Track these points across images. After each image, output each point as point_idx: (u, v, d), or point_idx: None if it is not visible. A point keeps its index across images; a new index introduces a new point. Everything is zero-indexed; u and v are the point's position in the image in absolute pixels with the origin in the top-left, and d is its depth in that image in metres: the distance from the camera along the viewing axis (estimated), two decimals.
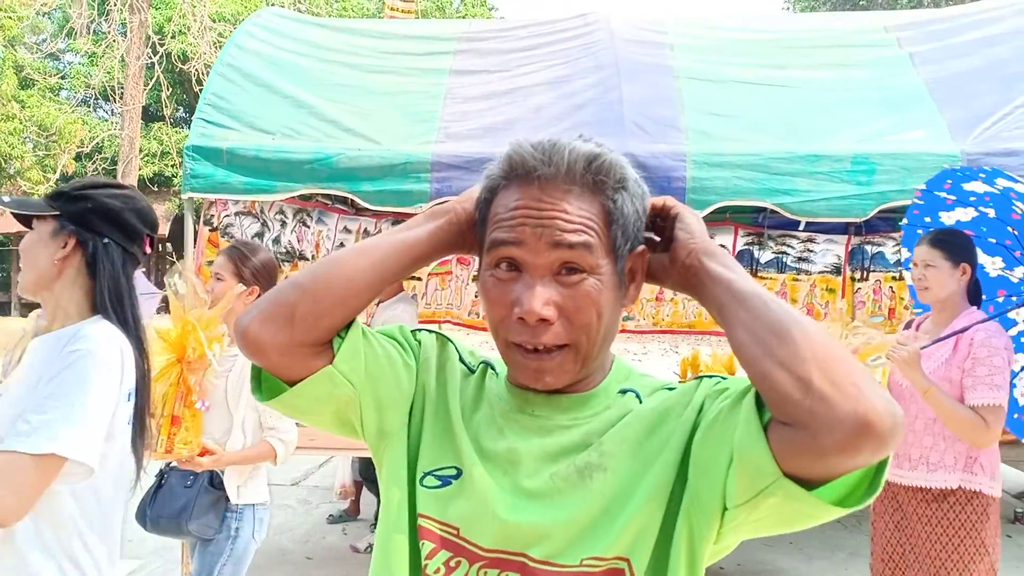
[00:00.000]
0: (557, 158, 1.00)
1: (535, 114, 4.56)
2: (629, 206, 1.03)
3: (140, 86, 17.48)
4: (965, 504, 2.91)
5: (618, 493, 1.01)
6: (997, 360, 2.84)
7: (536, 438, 1.07)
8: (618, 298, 1.05)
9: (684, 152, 4.24)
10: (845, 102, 4.67)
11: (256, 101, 4.71)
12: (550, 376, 1.03)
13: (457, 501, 1.06)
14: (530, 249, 1.00)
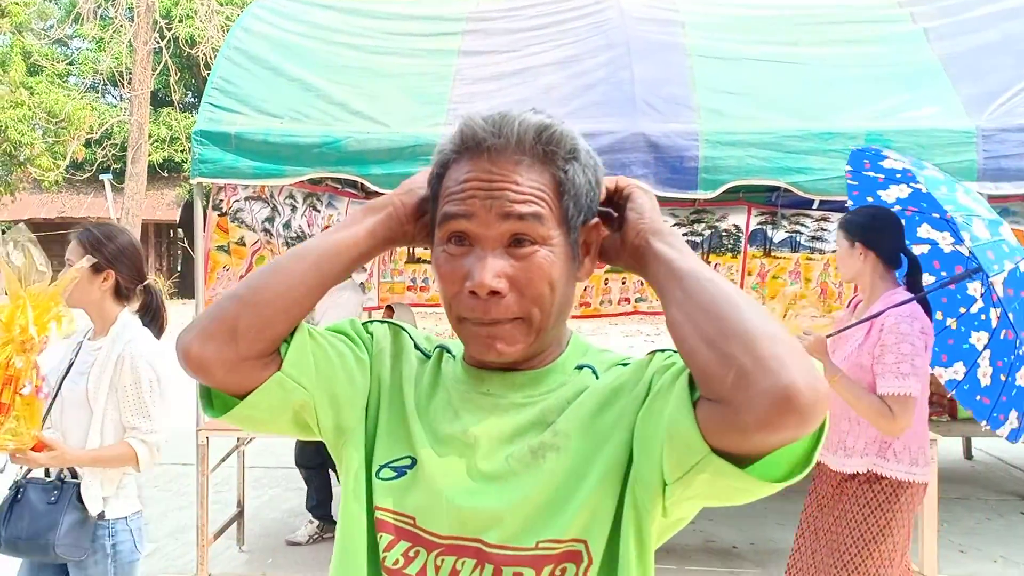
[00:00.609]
0: (507, 129, 1.00)
1: (545, 94, 4.52)
2: (580, 177, 1.03)
3: (148, 71, 17.47)
4: (870, 487, 2.90)
5: (572, 473, 1.01)
6: (905, 347, 2.78)
7: (492, 418, 1.06)
8: (572, 271, 1.05)
9: (696, 131, 4.20)
10: (859, 79, 4.62)
11: (264, 85, 4.68)
12: (501, 343, 1.02)
13: (413, 491, 1.06)
14: (480, 221, 0.99)
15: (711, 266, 6.54)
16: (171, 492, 6.32)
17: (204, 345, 1.03)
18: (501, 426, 1.05)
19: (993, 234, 2.88)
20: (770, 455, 0.88)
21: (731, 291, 0.92)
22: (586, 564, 0.99)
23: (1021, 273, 2.86)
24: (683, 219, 6.52)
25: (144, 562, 4.84)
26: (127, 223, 17.83)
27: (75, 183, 26.07)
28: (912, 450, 2.91)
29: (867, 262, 3.03)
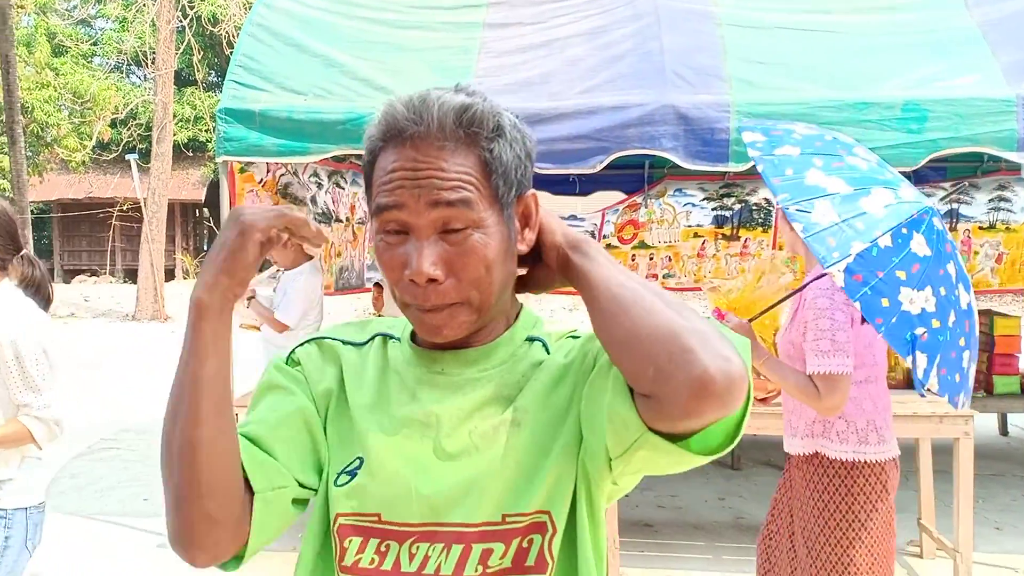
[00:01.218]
0: (427, 115, 0.99)
1: (571, 67, 4.44)
2: (507, 153, 1.03)
3: (171, 50, 17.49)
4: (824, 470, 2.77)
5: (533, 447, 1.04)
6: (823, 323, 2.66)
7: (450, 396, 1.07)
8: (509, 247, 1.05)
9: (728, 102, 4.10)
10: (894, 47, 4.50)
11: (287, 61, 4.64)
12: (447, 329, 1.03)
13: (370, 488, 1.05)
14: (411, 211, 0.99)
15: (740, 241, 6.52)
16: None
17: (189, 550, 1.00)
18: (461, 403, 1.07)
19: (843, 212, 2.57)
20: (703, 430, 0.93)
21: (642, 292, 0.96)
22: (551, 534, 1.02)
23: (880, 250, 2.53)
24: (712, 193, 6.42)
25: None
26: (153, 203, 17.93)
27: (102, 163, 26.27)
28: (859, 428, 2.76)
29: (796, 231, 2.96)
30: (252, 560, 1.07)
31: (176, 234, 28.04)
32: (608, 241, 6.65)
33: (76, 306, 21.42)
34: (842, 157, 2.81)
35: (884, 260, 2.50)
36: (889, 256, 2.52)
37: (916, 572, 4.43)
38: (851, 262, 2.45)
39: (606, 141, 4.11)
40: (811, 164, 2.75)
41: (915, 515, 4.74)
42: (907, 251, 2.57)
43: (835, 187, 2.65)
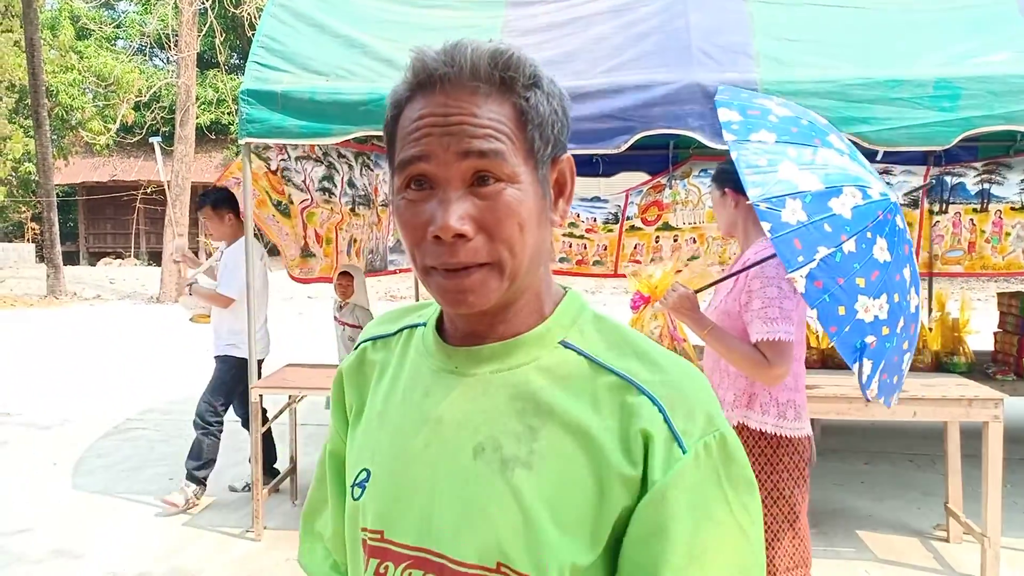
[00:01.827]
0: (460, 58, 0.90)
1: (596, 45, 4.38)
2: (545, 105, 0.93)
3: (194, 32, 17.51)
4: (755, 443, 2.77)
5: (539, 503, 0.89)
6: (771, 291, 2.66)
7: (459, 397, 0.97)
8: (543, 211, 0.95)
9: (755, 80, 4.03)
10: (927, 23, 4.40)
11: (309, 42, 4.62)
12: (472, 295, 0.91)
13: (376, 502, 0.99)
14: (439, 162, 0.89)
15: None
16: (226, 448, 6.39)
17: None
18: (467, 408, 0.96)
19: (813, 214, 2.49)
20: None
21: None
22: None
23: (846, 254, 2.48)
24: None
25: (202, 515, 4.97)
26: (176, 186, 18.02)
27: (125, 146, 26.45)
28: (780, 402, 2.77)
29: (738, 209, 2.91)
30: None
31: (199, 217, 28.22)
32: (632, 223, 6.60)
33: (101, 288, 21.64)
34: (817, 148, 2.73)
35: (847, 266, 2.48)
36: (852, 262, 2.49)
37: (943, 556, 4.39)
38: (815, 267, 2.42)
39: (631, 120, 4.06)
40: (785, 155, 2.67)
41: (942, 499, 4.69)
42: (869, 257, 2.55)
43: (807, 184, 2.57)
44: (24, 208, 27.09)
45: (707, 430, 0.89)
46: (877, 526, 4.81)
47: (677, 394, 0.90)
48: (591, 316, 1.01)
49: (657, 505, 0.86)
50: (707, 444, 0.88)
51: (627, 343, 0.96)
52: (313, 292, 17.34)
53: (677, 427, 0.88)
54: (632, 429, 0.89)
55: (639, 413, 0.89)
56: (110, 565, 4.29)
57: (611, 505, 0.88)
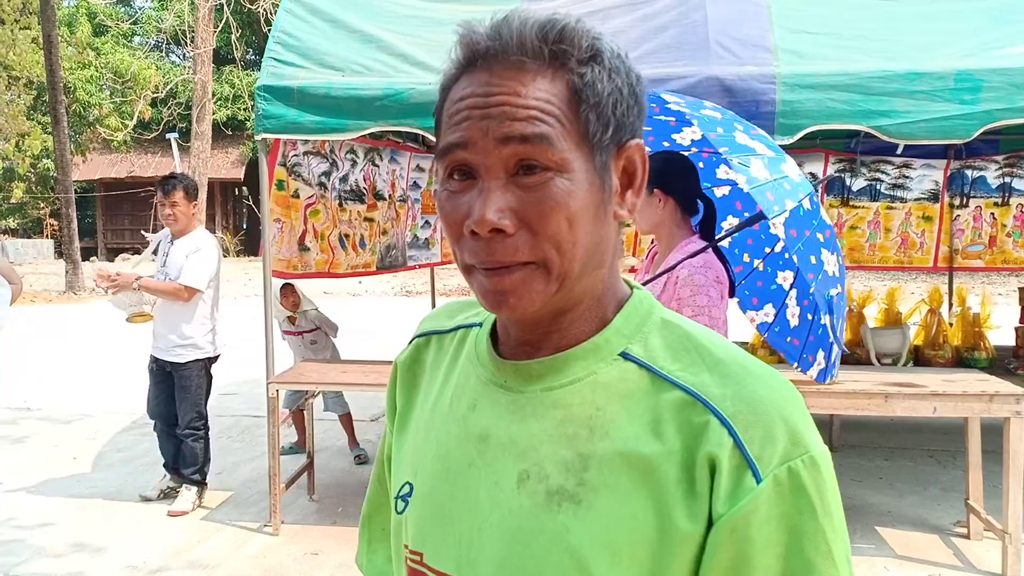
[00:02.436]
0: (506, 31, 0.79)
1: (612, 38, 4.35)
2: (604, 82, 0.80)
3: (210, 28, 17.57)
4: None
5: (589, 542, 0.79)
6: (700, 299, 2.62)
7: (507, 417, 0.87)
8: (602, 203, 0.82)
9: (773, 74, 4.01)
10: (947, 14, 4.36)
11: (325, 37, 4.62)
12: (514, 297, 0.80)
13: (417, 522, 0.91)
14: (478, 149, 0.79)
15: None
16: (244, 443, 6.44)
17: None
18: (515, 431, 0.86)
19: (774, 172, 2.69)
20: None
21: None
22: None
23: (805, 211, 2.67)
24: None
25: (220, 510, 4.99)
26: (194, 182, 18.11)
27: (142, 143, 26.58)
28: None
29: (666, 209, 2.84)
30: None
31: (216, 213, 28.34)
32: None
33: None
34: (751, 126, 2.93)
35: (807, 221, 2.66)
36: (810, 218, 2.67)
37: (963, 553, 4.35)
38: (787, 217, 2.56)
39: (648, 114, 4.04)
40: (735, 127, 2.84)
41: (962, 495, 4.65)
42: (820, 217, 2.77)
43: (760, 150, 2.76)
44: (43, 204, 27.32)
45: (792, 453, 0.76)
46: (896, 522, 4.78)
47: (753, 411, 0.77)
48: (659, 321, 0.88)
49: (728, 543, 0.75)
50: (792, 470, 0.75)
51: (699, 351, 0.83)
52: (330, 288, 17.38)
53: (751, 451, 0.75)
54: (698, 454, 0.77)
55: (706, 435, 0.77)
56: (129, 559, 4.32)
57: (674, 541, 0.77)
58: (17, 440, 6.81)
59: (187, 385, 4.97)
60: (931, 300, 5.56)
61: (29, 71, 20.88)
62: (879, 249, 6.24)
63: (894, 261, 6.30)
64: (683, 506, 0.76)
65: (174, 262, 4.91)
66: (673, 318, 0.88)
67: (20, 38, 20.36)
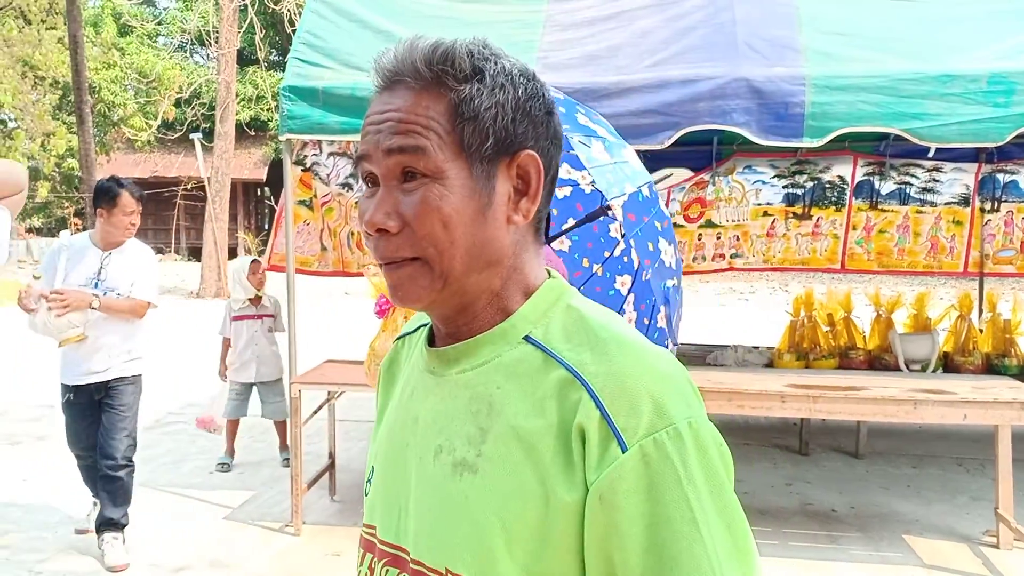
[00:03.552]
0: (400, 56, 0.91)
1: (640, 39, 4.32)
2: (485, 99, 0.89)
3: (234, 29, 17.66)
4: None
5: (483, 510, 0.86)
6: None
7: (431, 398, 0.96)
8: (484, 207, 0.90)
9: (803, 75, 3.95)
10: (980, 15, 4.30)
11: (350, 37, 4.61)
12: (402, 290, 0.91)
13: (373, 499, 1.02)
14: (374, 160, 0.91)
15: (812, 220, 6.35)
16: (266, 443, 6.44)
17: None
18: (436, 412, 0.95)
19: (615, 156, 2.66)
20: None
21: None
22: None
23: (644, 197, 2.64)
24: (784, 170, 6.25)
25: (242, 509, 4.99)
26: (216, 182, 18.20)
27: (166, 143, 26.76)
28: None
29: None
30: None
31: (239, 213, 28.50)
32: (674, 220, 6.53)
33: None
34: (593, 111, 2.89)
35: (647, 207, 2.63)
36: (649, 206, 2.65)
37: (992, 563, 4.28)
38: (626, 200, 2.53)
39: (675, 116, 4.00)
40: (577, 109, 2.80)
41: (992, 504, 4.58)
42: (658, 207, 2.75)
43: (602, 132, 2.72)
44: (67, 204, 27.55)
45: (657, 424, 0.80)
46: (924, 531, 4.71)
47: (621, 385, 0.82)
48: (564, 306, 0.95)
49: (599, 511, 0.80)
50: (658, 440, 0.79)
51: (587, 332, 0.90)
52: (350, 288, 17.43)
53: (617, 423, 0.80)
54: (572, 427, 0.83)
55: (578, 409, 0.83)
56: (151, 557, 4.33)
57: (558, 512, 0.82)
58: (40, 438, 6.86)
59: (128, 403, 4.38)
60: (961, 306, 5.49)
61: (55, 71, 21.07)
62: (908, 253, 6.16)
63: (923, 266, 6.22)
64: (562, 476, 0.82)
65: (119, 276, 4.31)
66: (578, 303, 0.95)
67: (46, 38, 20.55)
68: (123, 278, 4.33)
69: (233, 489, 5.25)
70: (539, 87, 0.95)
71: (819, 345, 5.49)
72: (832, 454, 6.16)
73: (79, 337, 4.16)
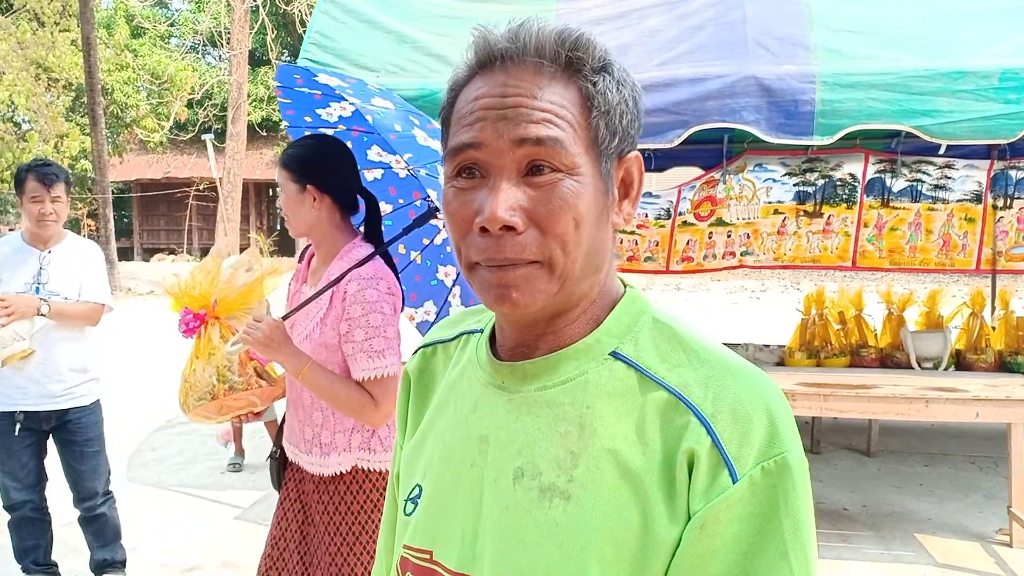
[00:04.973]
0: (524, 35, 0.83)
1: (649, 38, 4.31)
2: (614, 93, 0.85)
3: (246, 30, 17.73)
4: (360, 487, 2.39)
5: (578, 537, 0.81)
6: (375, 318, 2.28)
7: (505, 417, 0.90)
8: (604, 208, 0.86)
9: (813, 73, 3.94)
10: (992, 12, 4.26)
11: (360, 38, 4.62)
12: (517, 292, 0.83)
13: (426, 521, 0.94)
14: (492, 150, 0.82)
15: (823, 218, 6.32)
16: None
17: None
18: (512, 430, 0.88)
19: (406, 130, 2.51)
20: None
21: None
22: None
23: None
24: (794, 168, 6.22)
25: (253, 509, 5.01)
26: (228, 183, 18.28)
27: (178, 143, 26.91)
28: (382, 437, 2.43)
29: (322, 209, 2.42)
30: None
31: (251, 213, 28.61)
32: (684, 218, 6.51)
33: (155, 284, 22.03)
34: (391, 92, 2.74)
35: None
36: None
37: (1005, 562, 4.26)
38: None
39: (685, 115, 3.99)
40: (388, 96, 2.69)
41: (1005, 502, 4.56)
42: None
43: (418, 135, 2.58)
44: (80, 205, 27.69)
45: (767, 453, 0.77)
46: (937, 529, 4.69)
47: (732, 411, 0.79)
48: (650, 320, 0.89)
49: (697, 538, 0.77)
50: (766, 469, 0.77)
51: (685, 351, 0.85)
52: None
53: (729, 451, 0.77)
54: (678, 453, 0.79)
55: (686, 435, 0.79)
56: (162, 557, 4.35)
57: (658, 539, 0.78)
58: None
59: (95, 436, 3.85)
60: (973, 303, 5.45)
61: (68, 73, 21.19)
62: (920, 251, 6.12)
63: (935, 263, 6.18)
64: (664, 506, 0.79)
65: (63, 277, 3.69)
66: (664, 317, 0.90)
67: (60, 40, 20.67)
68: (68, 280, 3.69)
69: (244, 489, 5.27)
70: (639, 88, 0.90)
71: (830, 343, 5.47)
72: (844, 452, 6.15)
73: (25, 353, 3.53)
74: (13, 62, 18.99)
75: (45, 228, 3.67)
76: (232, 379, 2.53)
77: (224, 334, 2.57)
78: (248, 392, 2.55)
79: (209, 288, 2.59)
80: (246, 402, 2.57)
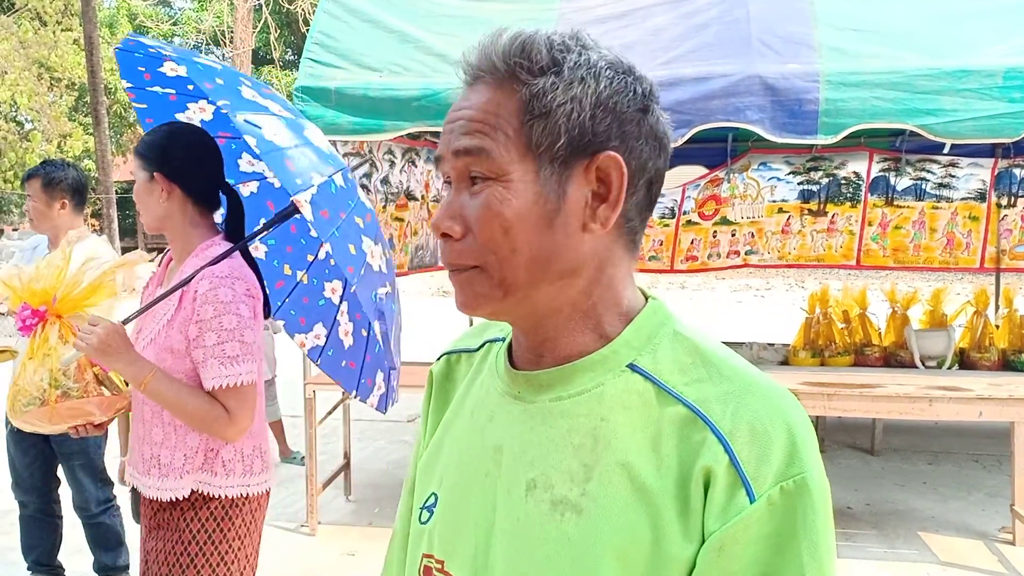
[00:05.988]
0: (481, 50, 0.85)
1: (653, 37, 4.31)
2: (560, 94, 0.81)
3: (249, 29, 17.75)
4: (196, 514, 2.15)
5: (590, 552, 0.80)
6: (229, 320, 2.06)
7: (520, 428, 0.88)
8: (552, 213, 0.82)
9: (817, 72, 3.94)
10: (996, 11, 4.26)
11: (363, 38, 4.62)
12: (462, 295, 0.87)
13: (440, 530, 0.93)
14: (445, 162, 0.87)
15: (827, 217, 6.32)
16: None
17: None
18: (526, 440, 0.87)
19: (296, 137, 2.14)
20: None
21: None
22: None
23: (338, 187, 2.16)
24: (799, 167, 6.23)
25: None
26: None
27: None
28: (245, 455, 2.20)
29: (172, 201, 2.20)
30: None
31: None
32: (688, 217, 6.51)
33: None
34: (262, 84, 2.40)
35: (343, 201, 2.17)
36: (346, 198, 2.19)
37: (1008, 560, 4.26)
38: (315, 193, 2.04)
39: (688, 114, 3.99)
40: (240, 81, 2.31)
41: (1008, 501, 4.56)
42: (357, 199, 2.27)
43: (275, 109, 2.22)
44: None
45: (786, 473, 0.75)
46: (940, 528, 4.69)
47: (751, 429, 0.77)
48: (671, 333, 0.87)
49: (714, 561, 0.75)
50: (785, 489, 0.75)
51: (705, 365, 0.83)
52: None
53: (747, 471, 0.75)
54: (693, 470, 0.77)
55: (702, 452, 0.77)
56: None
57: (669, 556, 0.77)
58: None
59: (74, 451, 3.79)
60: (977, 302, 5.45)
61: (71, 72, 21.23)
62: (924, 250, 6.12)
63: (939, 262, 6.18)
64: (677, 523, 0.77)
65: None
66: (685, 331, 0.88)
67: (62, 40, 20.71)
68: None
69: None
70: (631, 81, 0.85)
71: (834, 342, 5.47)
72: (847, 451, 6.14)
73: (8, 351, 3.39)
74: (15, 62, 19.04)
75: (35, 226, 3.77)
76: (66, 384, 2.24)
77: (64, 334, 2.29)
78: (84, 401, 2.25)
79: (55, 282, 2.32)
80: (82, 412, 2.26)
